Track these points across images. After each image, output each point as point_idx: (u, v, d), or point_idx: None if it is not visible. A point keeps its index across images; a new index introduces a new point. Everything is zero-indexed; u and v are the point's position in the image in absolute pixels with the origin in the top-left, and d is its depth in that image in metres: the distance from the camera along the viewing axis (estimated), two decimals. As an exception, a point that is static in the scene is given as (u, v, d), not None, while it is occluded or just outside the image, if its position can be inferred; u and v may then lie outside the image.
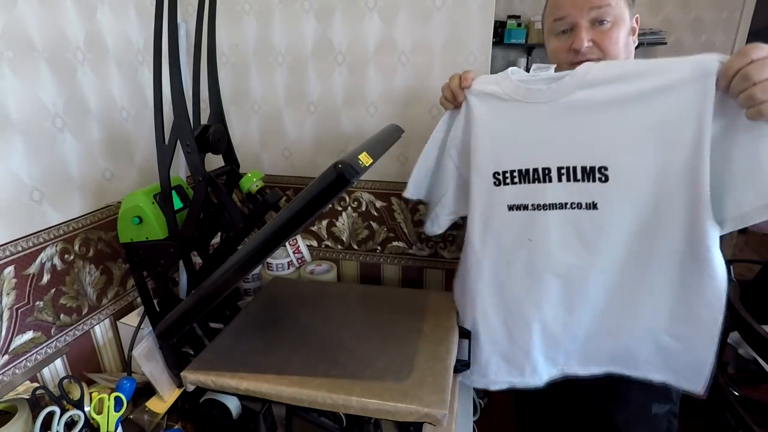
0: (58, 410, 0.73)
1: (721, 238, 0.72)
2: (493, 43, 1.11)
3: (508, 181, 0.80)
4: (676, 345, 0.78)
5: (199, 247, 0.95)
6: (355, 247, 1.32)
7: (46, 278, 0.87)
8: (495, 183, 0.82)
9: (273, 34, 1.17)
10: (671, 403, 0.94)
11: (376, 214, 1.27)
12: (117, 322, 1.04)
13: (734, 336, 1.52)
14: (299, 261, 1.28)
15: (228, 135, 0.94)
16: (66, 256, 0.91)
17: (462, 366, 0.90)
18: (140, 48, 1.08)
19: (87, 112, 0.95)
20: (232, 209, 0.87)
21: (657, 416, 0.93)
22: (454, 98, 0.84)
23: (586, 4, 0.80)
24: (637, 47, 0.89)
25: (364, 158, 0.60)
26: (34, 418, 0.72)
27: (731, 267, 1.80)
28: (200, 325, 0.93)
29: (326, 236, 1.34)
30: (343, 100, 1.18)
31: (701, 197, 0.68)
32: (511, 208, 0.81)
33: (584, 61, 0.79)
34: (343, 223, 1.31)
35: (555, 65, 0.77)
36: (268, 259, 1.25)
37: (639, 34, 0.89)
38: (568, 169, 0.75)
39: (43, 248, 0.86)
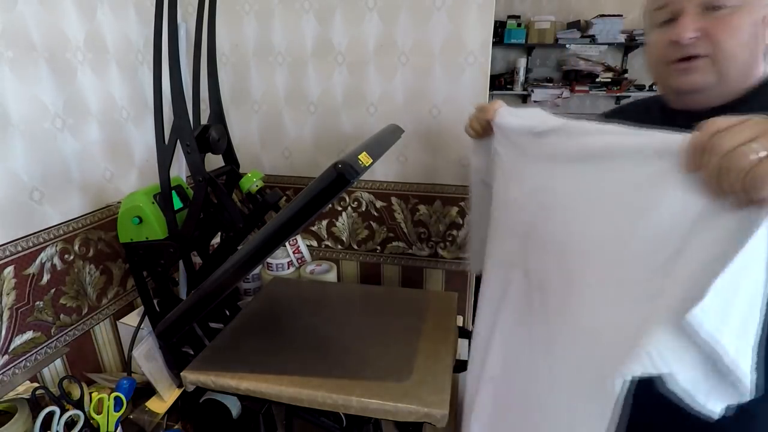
0: (58, 410, 0.73)
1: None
2: (493, 43, 1.11)
3: None
4: None
5: (199, 247, 0.95)
6: (355, 247, 1.32)
7: (46, 278, 0.87)
8: None
9: (273, 34, 1.17)
10: None
11: (376, 214, 1.27)
12: (117, 322, 1.04)
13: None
14: (299, 261, 1.28)
15: (228, 135, 0.94)
16: (66, 256, 0.91)
17: (462, 366, 0.90)
18: (140, 48, 1.08)
19: (87, 112, 0.95)
20: (232, 209, 0.87)
21: None
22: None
23: None
24: (636, 47, 0.77)
25: (364, 158, 0.60)
26: (34, 418, 0.72)
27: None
28: (200, 325, 0.93)
29: (326, 236, 1.34)
30: (343, 100, 1.18)
31: None
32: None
33: (689, 59, 0.63)
34: (343, 223, 1.31)
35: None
36: (268, 259, 1.25)
37: (638, 34, 0.78)
38: None
39: (43, 248, 0.86)
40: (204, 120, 0.93)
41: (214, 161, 0.95)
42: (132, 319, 1.02)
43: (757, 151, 0.39)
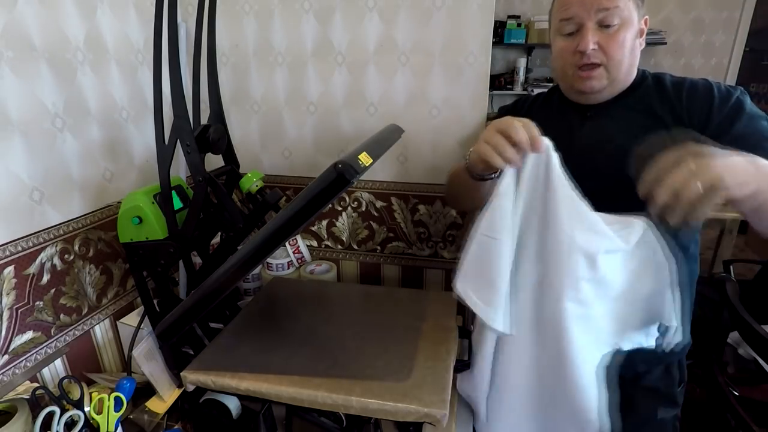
0: (58, 410, 0.73)
1: (720, 237, 0.72)
2: (493, 43, 1.11)
3: None
4: None
5: (199, 247, 0.95)
6: (355, 247, 1.32)
7: (46, 278, 0.87)
8: None
9: (273, 34, 1.17)
10: (677, 408, 0.94)
11: (376, 214, 1.27)
12: (117, 322, 1.04)
13: (734, 336, 1.52)
14: (299, 261, 1.28)
15: (228, 135, 0.94)
16: (66, 256, 0.91)
17: (462, 366, 0.90)
18: (140, 48, 1.08)
19: (87, 113, 0.95)
20: (232, 209, 0.87)
21: (663, 421, 0.93)
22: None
23: (594, 5, 0.77)
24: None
25: (364, 158, 0.60)
26: (34, 418, 0.72)
27: (731, 267, 1.80)
28: (200, 325, 0.93)
29: (326, 236, 1.34)
30: (343, 100, 1.18)
31: None
32: None
33: (589, 65, 0.79)
34: (343, 223, 1.31)
35: None
36: (268, 259, 1.25)
37: None
38: None
39: (43, 248, 0.86)
40: (204, 120, 0.93)
41: (214, 161, 0.95)
42: (132, 319, 1.02)
43: (699, 189, 0.54)
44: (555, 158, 0.64)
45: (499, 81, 3.36)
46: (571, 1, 0.79)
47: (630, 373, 0.87)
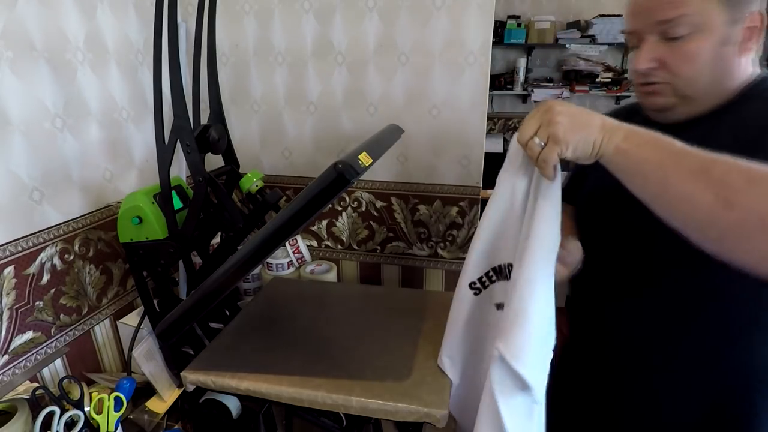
0: (58, 410, 0.73)
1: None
2: (493, 43, 1.11)
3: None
4: None
5: (199, 247, 0.95)
6: (355, 247, 1.32)
7: (46, 278, 0.87)
8: None
9: (273, 34, 1.17)
10: None
11: (376, 214, 1.27)
12: (117, 322, 1.04)
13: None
14: (299, 261, 1.28)
15: (228, 135, 0.94)
16: (66, 256, 0.91)
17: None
18: (140, 48, 1.08)
19: (87, 112, 0.95)
20: (232, 209, 0.87)
21: None
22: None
23: (652, 15, 0.62)
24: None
25: (364, 158, 0.60)
26: (34, 418, 0.72)
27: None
28: (200, 325, 0.93)
29: (326, 236, 1.34)
30: (343, 100, 1.18)
31: None
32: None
33: (651, 84, 0.66)
34: (343, 223, 1.31)
35: None
36: (268, 259, 1.25)
37: None
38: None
39: (43, 248, 0.86)
40: (204, 120, 0.93)
41: (214, 161, 0.95)
42: (132, 319, 1.02)
43: (538, 144, 0.55)
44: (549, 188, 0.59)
45: (499, 81, 3.35)
46: (631, 11, 0.67)
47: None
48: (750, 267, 0.48)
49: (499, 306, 0.69)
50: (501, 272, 0.68)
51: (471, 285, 0.71)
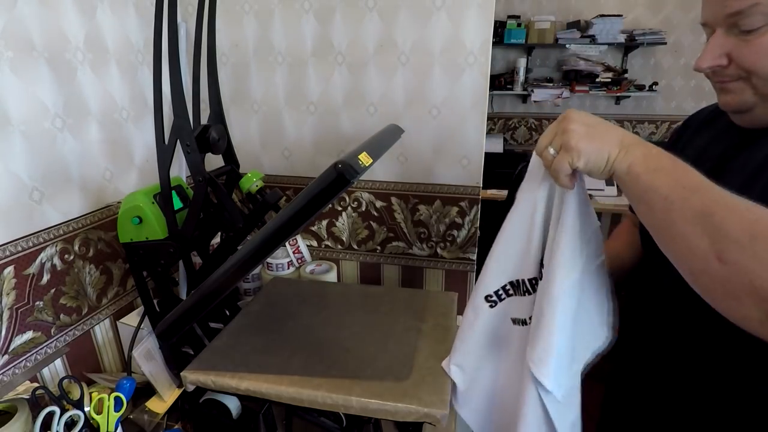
0: (58, 410, 0.73)
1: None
2: (493, 43, 1.11)
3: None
4: None
5: (199, 247, 0.95)
6: (355, 247, 1.32)
7: (46, 278, 0.87)
8: None
9: (273, 34, 1.17)
10: None
11: (376, 214, 1.27)
12: (117, 322, 1.04)
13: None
14: (299, 261, 1.28)
15: (228, 135, 0.94)
16: (66, 256, 0.91)
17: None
18: (140, 48, 1.08)
19: (87, 112, 0.95)
20: (232, 209, 0.87)
21: None
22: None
23: (720, 5, 0.56)
24: (636, 47, 0.73)
25: (364, 158, 0.60)
26: (34, 418, 0.72)
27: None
28: (200, 325, 0.93)
29: (326, 236, 1.34)
30: (343, 100, 1.18)
31: None
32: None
33: (723, 82, 0.60)
34: (343, 223, 1.31)
35: None
36: (268, 259, 1.25)
37: (638, 34, 0.73)
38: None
39: (43, 248, 0.86)
40: (204, 120, 0.93)
41: (214, 161, 0.95)
42: (132, 319, 1.02)
43: (552, 153, 0.55)
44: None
45: (499, 81, 3.35)
46: (703, 0, 0.60)
47: None
48: (737, 324, 0.45)
49: (515, 321, 0.69)
50: (519, 287, 0.68)
51: (487, 298, 0.70)
